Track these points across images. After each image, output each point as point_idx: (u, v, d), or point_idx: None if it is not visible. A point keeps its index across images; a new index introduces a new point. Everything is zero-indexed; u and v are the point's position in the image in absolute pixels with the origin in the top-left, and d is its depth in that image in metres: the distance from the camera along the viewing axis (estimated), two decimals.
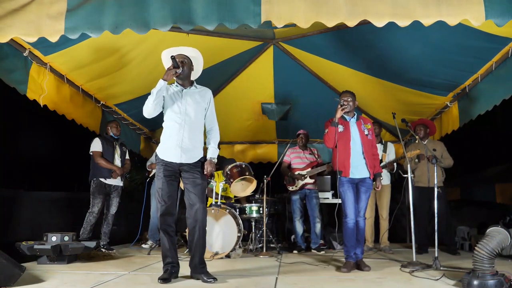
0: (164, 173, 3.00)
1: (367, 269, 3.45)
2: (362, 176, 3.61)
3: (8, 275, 2.54)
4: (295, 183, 5.28)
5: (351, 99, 3.66)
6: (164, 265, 3.00)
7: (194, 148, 3.06)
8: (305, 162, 5.32)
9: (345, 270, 3.40)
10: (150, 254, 4.68)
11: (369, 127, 3.73)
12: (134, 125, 6.11)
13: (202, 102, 3.13)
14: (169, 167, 3.01)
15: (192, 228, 3.00)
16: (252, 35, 4.60)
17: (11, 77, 3.53)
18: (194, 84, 3.18)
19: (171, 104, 3.07)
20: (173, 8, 2.63)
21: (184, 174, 3.04)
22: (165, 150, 3.04)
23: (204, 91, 3.19)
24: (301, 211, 5.33)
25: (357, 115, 3.75)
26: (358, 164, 3.59)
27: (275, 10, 2.57)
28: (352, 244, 3.52)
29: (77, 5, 2.71)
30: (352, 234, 3.52)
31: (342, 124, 3.64)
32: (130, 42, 4.01)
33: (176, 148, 3.00)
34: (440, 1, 2.49)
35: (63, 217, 6.85)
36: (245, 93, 5.99)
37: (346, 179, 3.58)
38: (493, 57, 3.78)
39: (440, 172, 4.90)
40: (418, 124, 5.07)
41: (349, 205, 3.54)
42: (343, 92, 3.74)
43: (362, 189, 3.62)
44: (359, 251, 3.58)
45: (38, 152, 10.32)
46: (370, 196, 3.71)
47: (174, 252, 3.03)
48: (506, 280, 2.46)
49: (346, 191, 3.56)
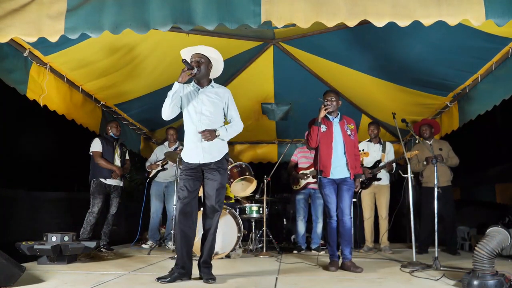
0: (186, 172, 3.02)
1: (359, 271, 3.40)
2: (343, 176, 3.62)
3: (8, 275, 2.54)
4: (299, 182, 5.29)
5: (335, 98, 3.66)
6: (174, 266, 2.94)
7: (216, 147, 3.05)
8: (310, 161, 5.32)
9: (333, 269, 3.45)
10: (150, 254, 4.67)
11: (352, 127, 3.72)
12: (134, 125, 6.10)
13: (220, 101, 3.11)
14: (192, 167, 3.02)
15: (208, 229, 3.02)
16: (252, 35, 4.60)
17: (11, 77, 3.53)
18: (212, 83, 3.16)
19: (187, 104, 3.07)
20: (173, 8, 2.63)
21: (206, 174, 3.04)
22: (187, 152, 3.06)
23: (222, 90, 3.16)
24: (304, 211, 5.34)
25: (341, 115, 3.75)
26: (338, 164, 3.61)
27: (275, 10, 2.57)
28: (335, 243, 3.58)
29: (77, 5, 2.71)
30: (335, 233, 3.57)
31: (325, 124, 3.66)
32: (130, 42, 4.01)
33: (197, 149, 3.01)
34: (440, 1, 2.49)
35: (63, 217, 6.84)
36: (245, 93, 5.98)
37: (327, 180, 3.61)
38: (493, 57, 3.77)
39: (448, 172, 4.90)
40: (423, 124, 5.07)
41: (332, 206, 3.59)
42: (327, 92, 3.74)
43: (344, 187, 3.62)
44: (347, 251, 3.57)
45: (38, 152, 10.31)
46: (368, 197, 3.72)
47: (187, 256, 2.94)
48: (506, 280, 2.46)
49: (328, 193, 3.60)
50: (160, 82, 4.95)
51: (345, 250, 3.57)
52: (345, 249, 3.57)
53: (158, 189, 5.67)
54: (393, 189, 5.32)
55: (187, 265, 2.95)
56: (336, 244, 3.58)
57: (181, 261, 2.93)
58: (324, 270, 3.55)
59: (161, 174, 5.63)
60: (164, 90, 4.96)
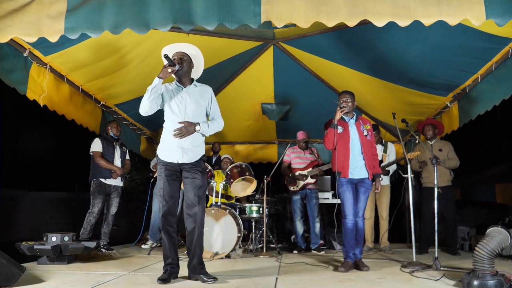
0: (165, 172, 2.99)
1: (366, 269, 3.45)
2: (361, 177, 3.61)
3: (8, 275, 2.54)
4: (296, 183, 5.28)
5: (350, 99, 3.65)
6: (164, 265, 3.00)
7: (195, 148, 3.04)
8: (306, 162, 5.32)
9: (343, 270, 3.41)
10: (150, 254, 4.68)
11: (368, 128, 3.72)
12: (134, 125, 6.11)
13: (203, 100, 3.10)
14: (170, 167, 3.00)
15: (192, 229, 2.98)
16: (252, 35, 4.60)
17: (11, 77, 3.53)
18: (194, 82, 3.15)
19: (170, 104, 3.04)
20: (173, 8, 2.62)
21: (185, 173, 3.02)
22: (166, 150, 3.03)
23: (204, 89, 3.15)
24: (301, 211, 5.33)
25: (356, 116, 3.74)
26: (357, 165, 3.60)
27: (275, 10, 2.57)
28: (351, 245, 3.53)
29: (77, 5, 2.71)
30: (351, 234, 3.53)
31: (341, 125, 3.64)
32: (130, 42, 4.01)
33: (177, 148, 2.99)
34: (440, 1, 2.49)
35: (63, 217, 6.85)
36: (245, 93, 5.99)
37: (345, 180, 3.59)
38: (493, 57, 3.77)
39: (448, 172, 4.90)
40: (426, 124, 5.07)
41: (348, 206, 3.55)
42: (342, 93, 3.72)
43: (361, 189, 3.63)
44: (358, 251, 3.59)
45: (38, 152, 10.33)
46: (369, 197, 3.71)
47: (175, 253, 3.03)
48: (506, 280, 2.46)
49: (345, 191, 3.57)
50: None
51: (356, 249, 3.57)
52: (356, 248, 3.58)
53: None
54: (393, 189, 5.32)
55: (175, 258, 3.02)
56: (351, 245, 3.53)
57: (171, 258, 2.98)
58: (324, 270, 3.54)
59: None
60: None
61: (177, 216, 3.08)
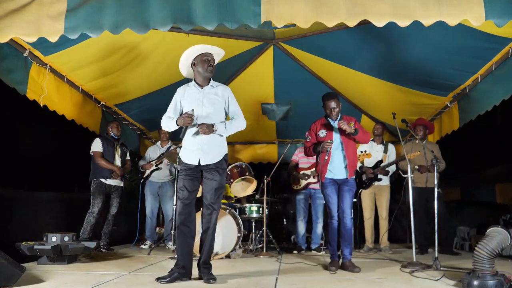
0: (185, 172, 3.02)
1: (357, 270, 3.41)
2: (343, 177, 3.65)
3: (8, 275, 2.54)
4: (299, 182, 5.28)
5: (336, 104, 3.63)
6: (174, 266, 2.95)
7: (215, 148, 3.06)
8: (311, 162, 5.31)
9: (333, 269, 3.45)
10: (150, 254, 4.67)
11: (352, 125, 3.62)
12: (134, 125, 6.11)
13: (220, 101, 3.11)
14: (191, 168, 3.03)
15: (206, 229, 3.01)
16: (252, 35, 4.60)
17: (11, 77, 3.53)
18: (211, 83, 3.14)
19: (188, 106, 3.06)
20: (173, 8, 2.62)
21: (205, 174, 3.04)
22: (187, 153, 3.05)
23: (222, 89, 3.15)
24: (305, 211, 5.34)
25: (340, 116, 3.72)
26: (339, 167, 3.64)
27: (275, 10, 2.57)
28: (336, 243, 3.60)
29: (77, 5, 2.71)
30: (336, 233, 3.60)
31: (324, 129, 3.68)
32: (130, 42, 4.00)
33: (198, 151, 3.01)
34: (440, 1, 2.49)
35: (63, 217, 6.84)
36: (245, 93, 5.97)
37: (328, 180, 3.64)
38: (493, 57, 3.77)
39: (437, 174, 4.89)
40: (417, 125, 5.07)
41: (333, 207, 3.62)
42: (328, 99, 3.66)
43: (345, 188, 3.65)
44: (347, 251, 3.59)
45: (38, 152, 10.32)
46: (368, 197, 3.73)
47: (187, 256, 2.96)
48: (506, 280, 2.46)
49: (329, 193, 3.63)
50: (160, 82, 4.95)
51: (345, 250, 3.58)
52: (345, 249, 3.58)
53: (152, 189, 5.66)
54: (393, 189, 5.32)
55: (187, 265, 2.96)
56: (336, 244, 3.60)
57: (181, 261, 2.94)
58: (324, 270, 3.55)
59: (155, 174, 5.60)
60: (164, 90, 5.00)
61: (194, 217, 3.06)
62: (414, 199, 3.91)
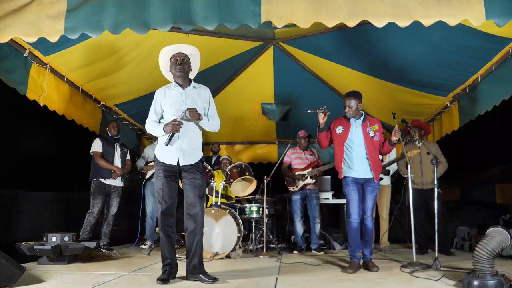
0: (164, 173, 2.99)
1: (376, 270, 3.43)
2: (367, 177, 3.60)
3: (8, 275, 2.54)
4: (296, 184, 5.28)
5: (354, 103, 3.58)
6: (163, 265, 3.01)
7: (194, 150, 3.05)
8: (306, 162, 5.32)
9: (350, 271, 3.37)
10: (150, 254, 4.67)
11: (375, 128, 3.65)
12: (134, 125, 6.11)
13: (201, 102, 3.10)
14: (169, 168, 3.00)
15: (193, 229, 2.98)
16: (252, 35, 4.60)
17: (11, 77, 3.53)
18: (193, 84, 3.14)
19: (170, 107, 3.04)
20: (173, 8, 2.62)
21: (184, 174, 3.03)
22: (165, 153, 3.02)
23: (202, 90, 3.15)
24: (301, 211, 5.33)
25: (364, 116, 3.67)
26: (361, 166, 3.58)
27: (275, 10, 2.57)
28: (356, 244, 3.52)
29: (77, 5, 2.71)
30: (356, 234, 3.51)
31: (342, 125, 3.65)
32: (130, 42, 4.01)
33: (177, 151, 2.99)
34: (440, 1, 2.49)
35: (63, 217, 6.84)
36: (245, 93, 5.99)
37: (351, 179, 3.58)
38: (493, 57, 3.77)
39: (432, 175, 4.87)
40: (413, 126, 5.05)
41: (353, 205, 3.53)
42: (346, 95, 3.67)
43: (368, 189, 3.62)
44: (368, 251, 3.58)
45: (38, 152, 10.32)
46: (376, 197, 3.70)
47: (173, 253, 3.04)
48: (506, 280, 2.46)
49: (351, 191, 3.56)
50: (160, 82, 4.91)
51: (365, 250, 3.57)
52: (365, 249, 3.57)
53: (153, 189, 5.64)
54: (393, 189, 5.31)
55: (174, 259, 3.04)
56: (356, 245, 3.52)
57: (169, 259, 3.00)
58: (328, 270, 3.54)
59: None
60: None
61: (175, 216, 3.09)
62: (414, 200, 3.91)
